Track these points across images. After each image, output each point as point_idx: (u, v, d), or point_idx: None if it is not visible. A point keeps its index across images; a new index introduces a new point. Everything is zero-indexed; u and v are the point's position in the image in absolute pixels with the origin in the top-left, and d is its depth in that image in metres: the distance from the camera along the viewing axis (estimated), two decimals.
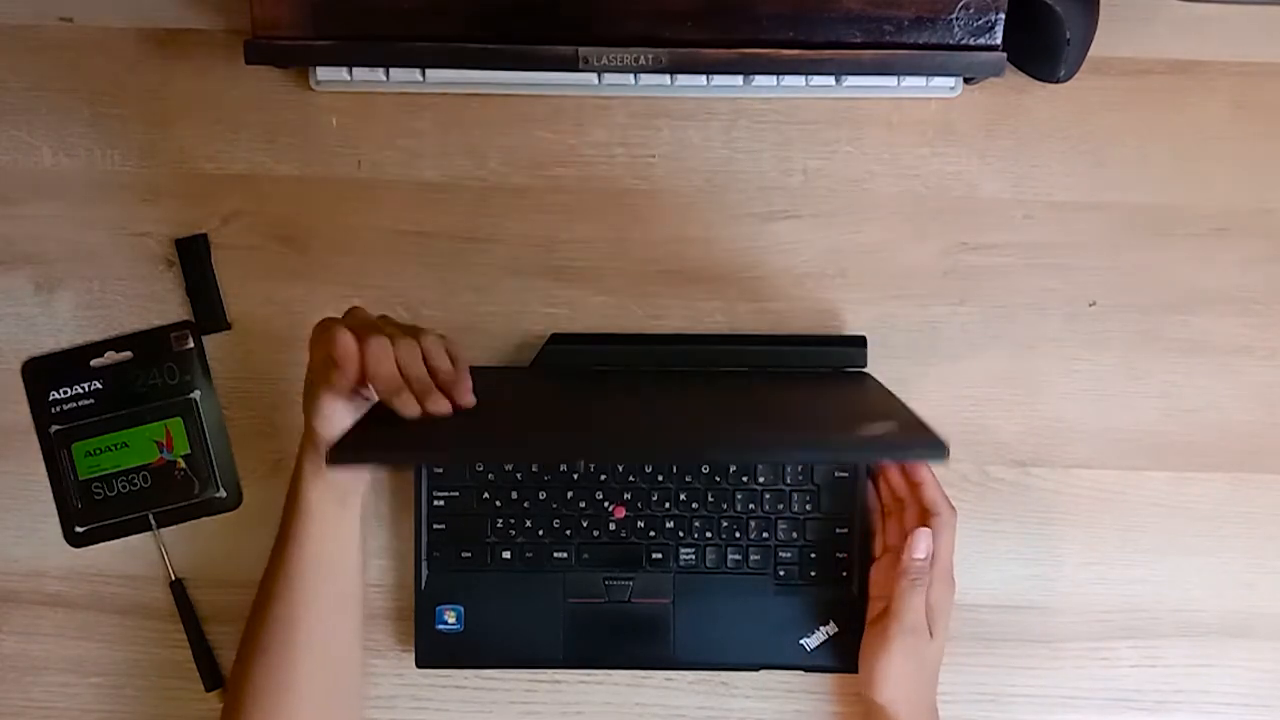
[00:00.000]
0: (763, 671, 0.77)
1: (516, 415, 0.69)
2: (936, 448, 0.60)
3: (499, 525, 0.76)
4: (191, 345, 0.79)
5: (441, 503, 0.76)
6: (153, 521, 0.79)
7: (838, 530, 0.76)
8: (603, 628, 0.76)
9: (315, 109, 0.79)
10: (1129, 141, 0.79)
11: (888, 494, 0.77)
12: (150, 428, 0.79)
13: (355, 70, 0.77)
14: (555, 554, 0.76)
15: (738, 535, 0.76)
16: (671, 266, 0.79)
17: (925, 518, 0.74)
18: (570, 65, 0.72)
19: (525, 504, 0.76)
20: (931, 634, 0.73)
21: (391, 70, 0.77)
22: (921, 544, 0.72)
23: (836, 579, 0.76)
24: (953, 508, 0.74)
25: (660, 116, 0.79)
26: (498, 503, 0.76)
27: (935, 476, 0.75)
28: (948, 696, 0.77)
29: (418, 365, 0.64)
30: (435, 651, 0.76)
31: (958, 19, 0.72)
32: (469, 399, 0.65)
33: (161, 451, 0.79)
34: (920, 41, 0.73)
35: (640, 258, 0.79)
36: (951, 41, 0.73)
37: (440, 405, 0.64)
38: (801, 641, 0.76)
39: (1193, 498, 0.79)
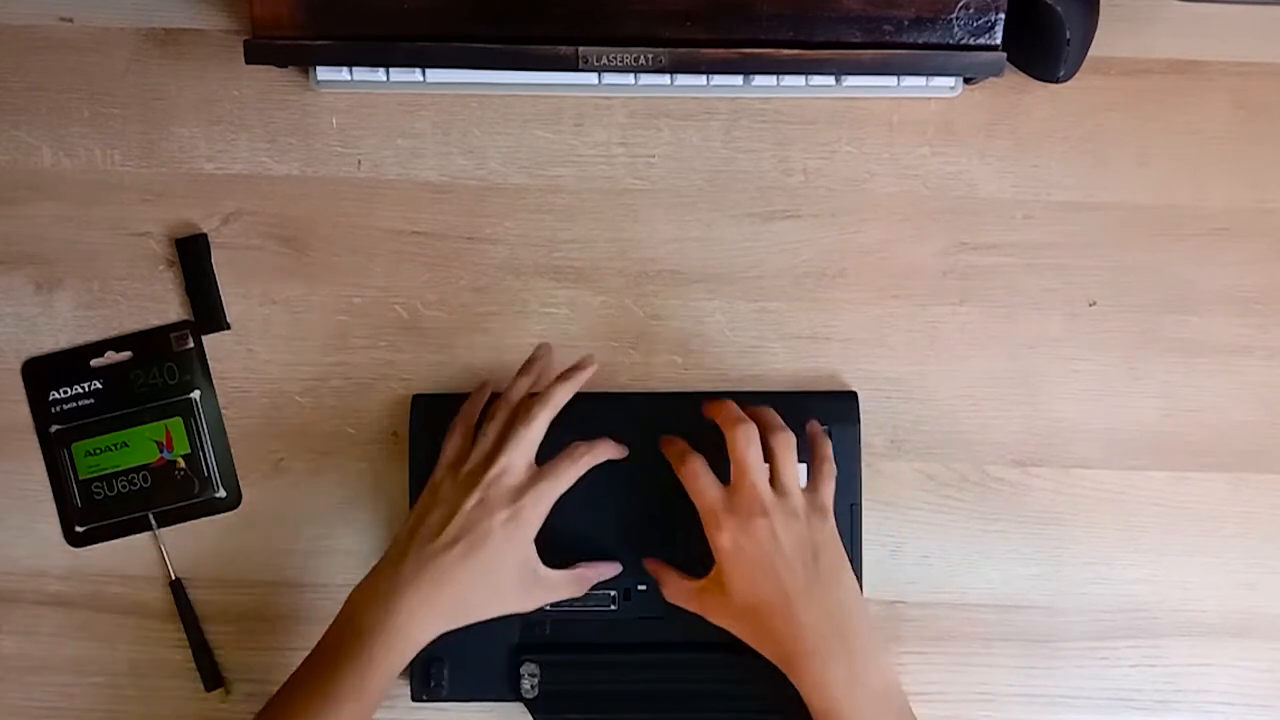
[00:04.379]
0: None
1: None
2: None
3: None
4: (191, 345, 0.79)
5: None
6: (153, 521, 0.79)
7: None
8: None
9: (315, 109, 0.79)
10: (1129, 141, 0.79)
11: None
12: (150, 428, 0.79)
13: (355, 70, 0.77)
14: None
15: None
16: (671, 266, 0.79)
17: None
18: (570, 65, 0.72)
19: None
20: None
21: (391, 70, 0.77)
22: None
23: None
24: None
25: (660, 116, 0.79)
26: None
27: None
28: (948, 696, 0.77)
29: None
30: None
31: (958, 19, 0.72)
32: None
33: (161, 451, 0.79)
34: (920, 41, 0.73)
35: (640, 258, 0.79)
36: (951, 41, 0.73)
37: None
38: None
39: (1193, 498, 0.79)
